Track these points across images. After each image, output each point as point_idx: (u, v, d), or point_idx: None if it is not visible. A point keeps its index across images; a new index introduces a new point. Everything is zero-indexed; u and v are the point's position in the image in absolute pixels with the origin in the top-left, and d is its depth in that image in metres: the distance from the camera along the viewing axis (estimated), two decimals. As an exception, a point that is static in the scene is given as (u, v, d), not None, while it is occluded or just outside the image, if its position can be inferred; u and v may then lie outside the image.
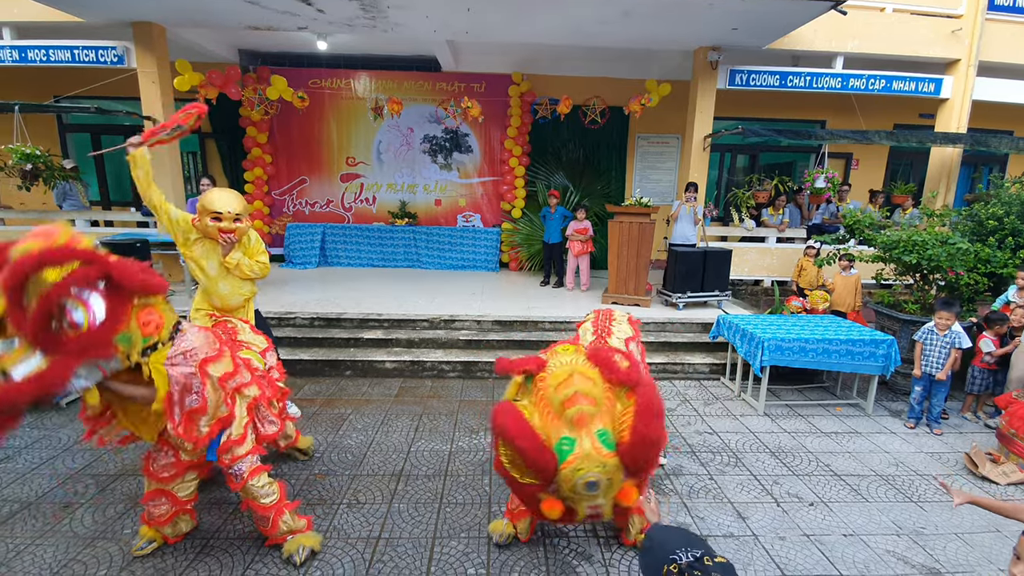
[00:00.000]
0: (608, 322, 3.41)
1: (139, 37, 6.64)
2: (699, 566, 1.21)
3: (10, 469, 3.39)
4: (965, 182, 9.86)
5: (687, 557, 1.23)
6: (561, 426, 1.88)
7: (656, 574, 1.26)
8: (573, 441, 1.84)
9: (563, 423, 1.89)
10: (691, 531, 1.47)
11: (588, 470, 1.81)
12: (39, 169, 6.54)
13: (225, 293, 3.22)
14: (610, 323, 3.40)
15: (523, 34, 6.72)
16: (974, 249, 4.96)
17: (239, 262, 3.12)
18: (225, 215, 2.96)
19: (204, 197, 3.02)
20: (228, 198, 2.99)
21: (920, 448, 4.06)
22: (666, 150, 9.53)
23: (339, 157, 9.23)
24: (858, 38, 7.18)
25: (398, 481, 3.37)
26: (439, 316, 5.82)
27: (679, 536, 1.35)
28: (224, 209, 2.95)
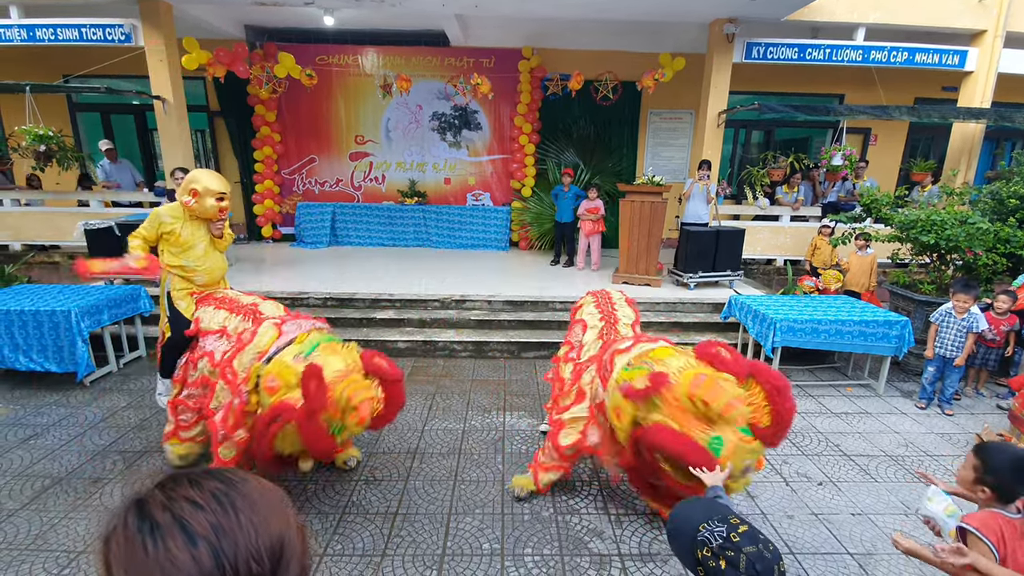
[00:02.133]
0: (611, 306, 3.43)
1: (146, 14, 6.58)
2: (729, 545, 1.26)
3: (40, 446, 3.51)
4: (987, 158, 9.61)
5: (715, 538, 1.28)
6: (704, 426, 2.06)
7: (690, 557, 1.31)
8: (720, 438, 2.03)
9: (705, 423, 2.06)
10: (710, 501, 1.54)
11: (743, 459, 2.06)
12: (52, 150, 6.59)
13: (213, 267, 3.35)
14: (613, 307, 3.42)
15: (533, 7, 6.56)
16: (994, 229, 4.87)
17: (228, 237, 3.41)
18: (227, 195, 3.21)
19: (200, 182, 3.13)
20: (222, 180, 3.22)
21: (931, 429, 4.07)
22: (679, 126, 9.35)
23: (348, 135, 9.18)
24: (881, 8, 6.93)
25: (413, 459, 3.45)
26: (450, 296, 5.85)
27: (701, 509, 1.41)
28: (226, 189, 3.20)
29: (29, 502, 2.93)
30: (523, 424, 3.96)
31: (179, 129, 7.03)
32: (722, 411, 2.03)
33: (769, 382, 2.08)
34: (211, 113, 9.05)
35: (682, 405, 2.08)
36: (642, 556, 2.64)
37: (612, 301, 3.52)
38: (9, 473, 3.21)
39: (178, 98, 6.99)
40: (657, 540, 2.75)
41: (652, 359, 2.36)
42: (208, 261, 3.29)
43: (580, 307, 3.61)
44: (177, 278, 3.30)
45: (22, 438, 3.61)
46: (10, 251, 7.68)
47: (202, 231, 3.25)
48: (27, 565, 2.47)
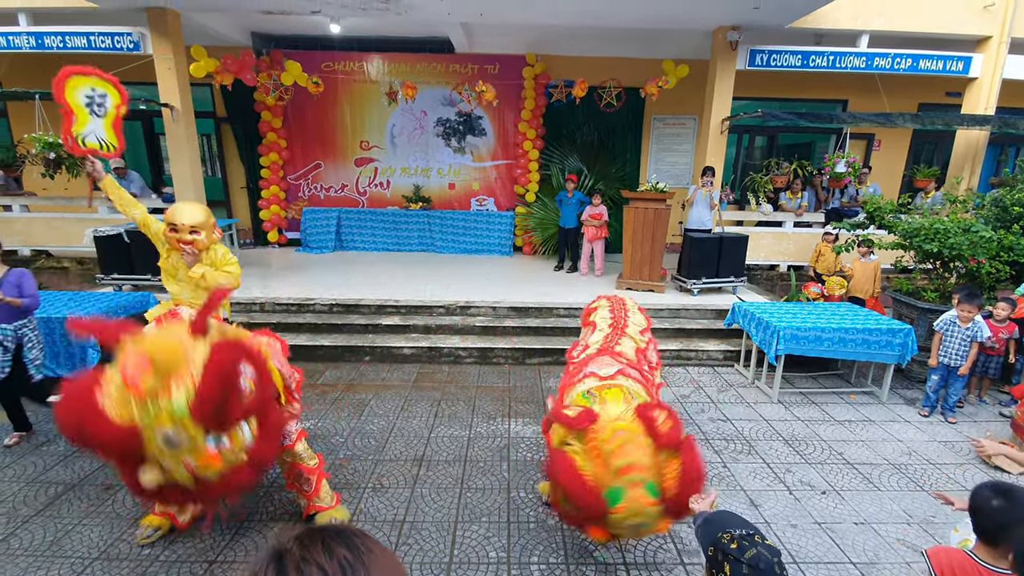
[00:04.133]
0: (624, 312, 3.47)
1: (154, 23, 6.66)
2: (749, 538, 1.39)
3: (53, 452, 3.57)
4: (991, 163, 9.61)
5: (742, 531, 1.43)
6: (612, 477, 2.07)
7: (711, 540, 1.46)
8: (621, 491, 2.04)
9: (614, 475, 2.07)
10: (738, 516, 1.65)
11: (636, 518, 2.06)
12: (62, 157, 6.66)
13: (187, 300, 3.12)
14: (626, 313, 3.46)
15: (538, 15, 6.61)
16: (997, 237, 4.88)
17: (204, 274, 3.00)
18: (180, 227, 2.90)
19: (168, 209, 2.99)
20: (188, 210, 2.96)
21: (934, 437, 4.08)
22: (682, 132, 9.39)
23: (353, 141, 9.25)
24: (885, 15, 6.96)
25: (420, 466, 3.49)
26: (455, 302, 5.90)
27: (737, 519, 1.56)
28: (179, 221, 2.90)
29: (43, 508, 2.98)
30: (528, 431, 3.99)
31: (186, 135, 7.10)
32: (619, 470, 2.06)
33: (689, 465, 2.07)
34: (218, 119, 9.13)
35: (597, 450, 2.14)
36: (647, 565, 2.67)
37: (626, 308, 3.57)
38: (23, 479, 3.26)
39: (186, 105, 7.06)
40: (662, 549, 2.78)
41: (601, 396, 2.42)
42: (179, 285, 3.11)
43: (595, 310, 3.63)
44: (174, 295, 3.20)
45: (35, 444, 3.67)
46: (19, 256, 7.76)
47: (179, 256, 3.04)
48: (43, 571, 2.52)
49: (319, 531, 0.66)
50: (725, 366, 5.45)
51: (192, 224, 2.92)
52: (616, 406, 2.32)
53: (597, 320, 3.45)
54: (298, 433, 2.79)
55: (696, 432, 4.04)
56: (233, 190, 9.48)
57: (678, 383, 4.98)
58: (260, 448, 2.07)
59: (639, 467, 2.07)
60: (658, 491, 2.07)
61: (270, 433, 2.11)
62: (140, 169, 8.67)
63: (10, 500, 3.05)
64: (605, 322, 3.39)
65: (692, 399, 4.65)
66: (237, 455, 2.00)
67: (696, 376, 5.18)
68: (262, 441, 2.08)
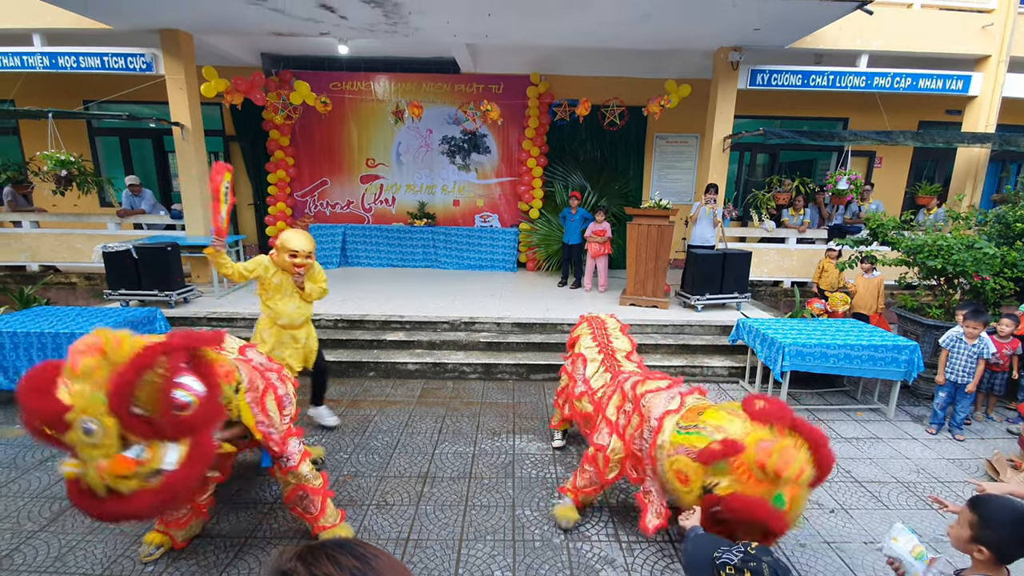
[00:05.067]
0: (606, 337, 3.52)
1: (167, 44, 6.82)
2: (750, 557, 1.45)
3: (57, 467, 3.57)
4: (993, 180, 9.65)
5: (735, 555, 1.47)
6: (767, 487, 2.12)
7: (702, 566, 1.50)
8: (780, 495, 2.11)
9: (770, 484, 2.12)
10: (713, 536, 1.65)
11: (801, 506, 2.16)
12: (73, 175, 6.77)
13: (293, 313, 3.66)
14: (608, 339, 3.50)
15: (542, 36, 6.75)
16: (1000, 253, 4.89)
17: (311, 290, 3.66)
18: (301, 253, 3.47)
19: (281, 239, 3.49)
20: (303, 239, 3.50)
21: (942, 454, 4.05)
22: (685, 149, 9.48)
23: (359, 159, 9.37)
24: (884, 35, 7.06)
25: (424, 483, 3.48)
26: (460, 318, 5.92)
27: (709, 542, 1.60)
28: (302, 248, 3.47)
29: (47, 524, 2.98)
30: (533, 448, 3.97)
31: (196, 153, 7.21)
32: (793, 478, 2.09)
33: (811, 436, 2.18)
34: (226, 137, 9.28)
35: (750, 471, 2.13)
36: (654, 584, 2.64)
37: (607, 331, 3.60)
38: (27, 494, 3.26)
39: (196, 124, 7.19)
40: (669, 568, 2.75)
41: (706, 423, 2.39)
42: (289, 306, 3.63)
43: (577, 339, 3.67)
44: (266, 318, 3.69)
45: (40, 459, 3.67)
46: (27, 272, 7.84)
47: (288, 281, 3.60)
48: (46, 588, 2.51)
49: (320, 546, 0.67)
50: (730, 383, 5.43)
51: (308, 251, 3.49)
52: (732, 423, 2.30)
53: (584, 351, 3.48)
54: (302, 454, 2.76)
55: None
56: (240, 207, 9.59)
57: (683, 400, 4.95)
58: (178, 475, 1.89)
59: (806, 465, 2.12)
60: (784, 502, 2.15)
61: (195, 464, 1.92)
62: (150, 186, 8.79)
63: (15, 515, 3.05)
64: (592, 351, 3.44)
65: (697, 416, 4.62)
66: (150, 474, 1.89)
67: (701, 393, 5.15)
68: (183, 468, 1.91)
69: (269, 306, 3.63)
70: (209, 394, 1.98)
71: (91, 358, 1.86)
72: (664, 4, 5.39)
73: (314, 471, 2.82)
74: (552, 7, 5.55)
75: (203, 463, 1.95)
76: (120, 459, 1.84)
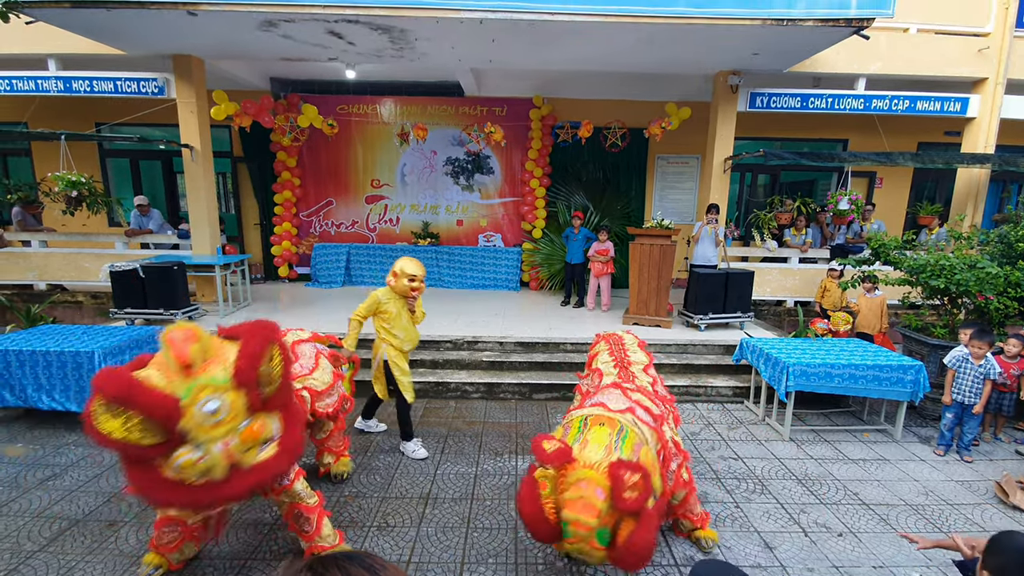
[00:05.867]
0: (623, 352, 3.50)
1: (179, 69, 6.99)
2: None
3: (59, 487, 3.56)
4: (994, 200, 9.68)
5: None
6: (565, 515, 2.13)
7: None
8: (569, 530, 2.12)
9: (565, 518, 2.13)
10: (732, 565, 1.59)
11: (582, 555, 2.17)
12: (83, 195, 6.88)
13: (411, 335, 4.02)
14: (625, 353, 3.48)
15: (545, 62, 6.89)
16: (1003, 273, 4.89)
17: (419, 314, 4.04)
18: (417, 277, 3.81)
19: (399, 266, 3.84)
20: (418, 266, 3.86)
21: (950, 476, 3.99)
22: (686, 170, 9.58)
23: (364, 180, 9.50)
24: (882, 59, 7.18)
25: (426, 504, 3.44)
26: (462, 337, 5.92)
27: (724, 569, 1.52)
28: (416, 273, 3.82)
29: (47, 544, 2.96)
30: (535, 469, 3.94)
31: (204, 174, 7.33)
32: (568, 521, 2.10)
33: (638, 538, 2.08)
34: (234, 158, 9.44)
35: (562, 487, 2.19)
36: (658, 609, 2.59)
37: (624, 347, 3.58)
38: (28, 514, 3.25)
39: (205, 146, 7.32)
40: (673, 592, 2.70)
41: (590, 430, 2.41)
42: (408, 330, 3.96)
43: (595, 356, 3.66)
44: (390, 347, 3.94)
45: (41, 479, 3.66)
46: (35, 291, 7.91)
47: (403, 306, 3.91)
48: (44, 610, 2.48)
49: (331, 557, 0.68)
50: (734, 402, 5.39)
51: (423, 275, 3.83)
52: (597, 451, 2.26)
53: (600, 366, 3.47)
54: (296, 472, 2.73)
55: (707, 470, 3.97)
56: (247, 226, 9.70)
57: (687, 420, 4.92)
58: (288, 437, 2.22)
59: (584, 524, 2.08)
60: (608, 539, 2.11)
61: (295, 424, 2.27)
62: (158, 205, 8.92)
63: (14, 535, 3.03)
64: (608, 366, 3.41)
65: (702, 436, 4.58)
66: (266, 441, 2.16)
67: (705, 413, 5.12)
68: (288, 431, 2.23)
69: (393, 334, 3.90)
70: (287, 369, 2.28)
71: (195, 344, 2.04)
72: (665, 30, 5.51)
73: (309, 490, 2.78)
74: (556, 34, 5.68)
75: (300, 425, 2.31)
76: (250, 429, 2.08)
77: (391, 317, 3.88)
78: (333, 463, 3.71)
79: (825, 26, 5.33)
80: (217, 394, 2.03)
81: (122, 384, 1.90)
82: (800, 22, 5.25)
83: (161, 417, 1.93)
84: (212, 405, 2.00)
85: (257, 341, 2.14)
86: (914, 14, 7.15)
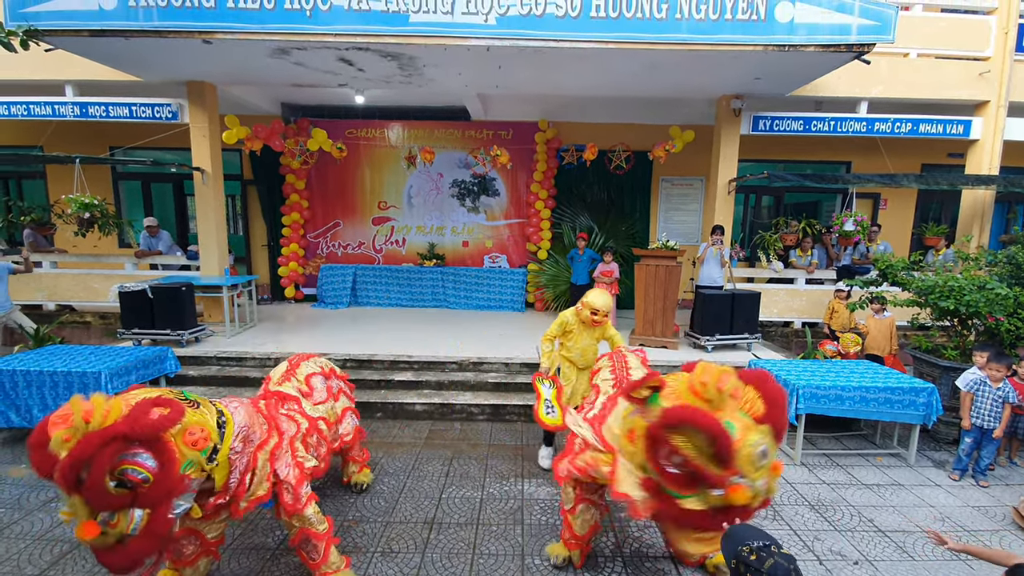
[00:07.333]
0: (626, 370, 3.48)
1: (192, 95, 7.16)
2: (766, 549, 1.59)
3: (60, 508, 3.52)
4: (1000, 220, 9.66)
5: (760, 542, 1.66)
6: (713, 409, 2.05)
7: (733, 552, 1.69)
8: (731, 423, 2.01)
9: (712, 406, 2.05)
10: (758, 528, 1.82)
11: (757, 439, 2.01)
12: (95, 217, 6.98)
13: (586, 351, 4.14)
14: (627, 372, 3.46)
15: (551, 87, 7.02)
16: (1013, 294, 4.85)
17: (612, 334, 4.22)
18: (600, 311, 3.94)
19: (586, 299, 3.97)
20: (604, 302, 3.96)
21: (966, 502, 3.89)
22: (690, 192, 9.64)
23: (372, 201, 9.61)
24: (883, 83, 7.26)
25: (430, 529, 3.39)
26: (468, 358, 5.90)
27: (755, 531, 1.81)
28: (600, 307, 3.94)
29: (48, 568, 2.92)
30: (542, 493, 3.88)
31: (215, 197, 7.44)
32: (732, 392, 2.03)
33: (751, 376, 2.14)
34: (244, 181, 9.58)
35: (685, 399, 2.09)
36: (670, 640, 2.51)
37: (627, 365, 3.56)
38: (29, 536, 3.21)
39: (216, 169, 7.45)
40: (685, 622, 2.62)
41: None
42: (584, 351, 4.12)
43: (597, 371, 3.65)
44: (566, 362, 4.16)
45: (43, 500, 3.64)
46: (43, 311, 7.97)
47: (586, 331, 4.09)
48: (42, 637, 2.44)
49: None
50: (743, 426, 5.30)
51: (607, 310, 3.97)
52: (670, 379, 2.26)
53: (599, 383, 3.46)
54: (308, 496, 2.69)
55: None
56: (255, 247, 9.79)
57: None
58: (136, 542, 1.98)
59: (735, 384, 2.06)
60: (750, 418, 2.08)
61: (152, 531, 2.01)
62: (167, 227, 9.04)
63: (15, 557, 3.00)
64: (607, 384, 3.39)
65: (711, 460, 4.50)
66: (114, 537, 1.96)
67: (714, 436, 5.04)
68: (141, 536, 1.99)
69: (567, 347, 4.14)
70: (164, 471, 2.02)
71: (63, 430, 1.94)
72: (668, 56, 5.61)
73: (320, 516, 2.74)
74: (561, 60, 5.80)
75: (160, 532, 2.03)
76: (84, 523, 1.92)
77: (572, 336, 4.13)
78: (357, 472, 3.87)
79: (826, 51, 5.42)
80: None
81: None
82: (802, 47, 5.34)
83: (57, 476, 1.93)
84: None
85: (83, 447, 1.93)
86: (915, 39, 7.26)
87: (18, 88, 7.43)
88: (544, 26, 5.23)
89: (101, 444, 1.92)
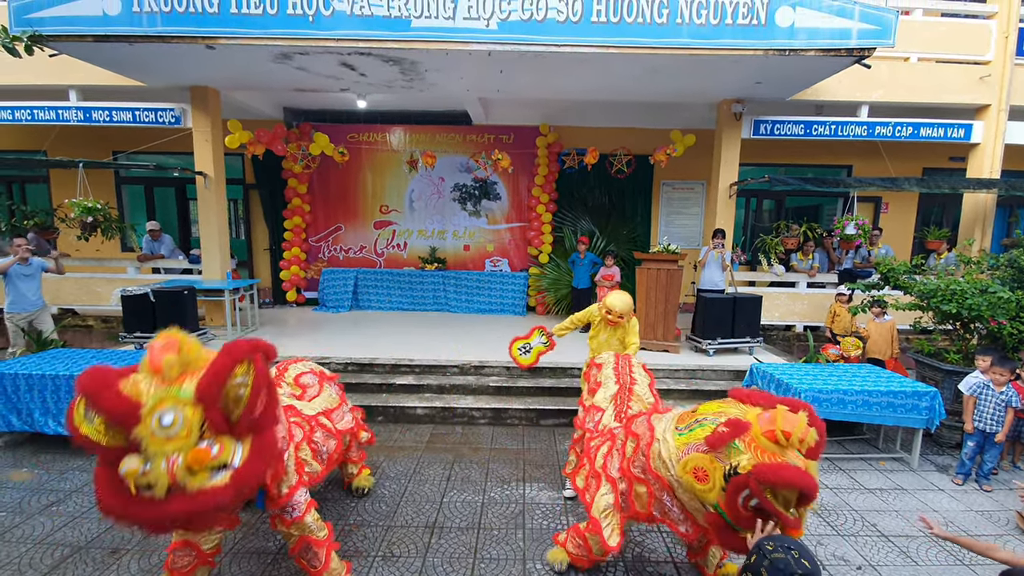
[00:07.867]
0: (628, 370, 3.48)
1: (195, 100, 7.19)
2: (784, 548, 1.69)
3: (62, 512, 3.53)
4: (1001, 224, 9.65)
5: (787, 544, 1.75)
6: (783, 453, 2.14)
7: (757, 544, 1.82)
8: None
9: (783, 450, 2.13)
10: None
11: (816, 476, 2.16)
12: (98, 221, 7.00)
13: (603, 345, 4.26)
14: (631, 371, 3.46)
15: (552, 91, 7.03)
16: (1015, 298, 4.84)
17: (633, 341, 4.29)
18: (613, 312, 4.02)
19: (607, 299, 4.08)
20: (622, 305, 4.03)
21: (970, 506, 3.88)
22: (691, 196, 9.64)
23: (373, 205, 9.63)
24: (883, 87, 7.27)
25: (431, 534, 3.38)
26: (469, 362, 5.90)
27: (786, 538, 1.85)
28: (614, 308, 4.02)
29: (48, 572, 2.92)
30: (543, 497, 3.87)
31: (217, 201, 7.46)
32: (802, 437, 2.09)
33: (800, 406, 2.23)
34: (246, 185, 9.61)
35: (759, 443, 2.13)
36: (672, 645, 2.50)
37: (631, 364, 3.56)
38: (31, 540, 3.21)
39: (219, 173, 7.47)
40: (687, 628, 2.61)
41: (704, 415, 2.39)
42: (602, 345, 4.26)
43: (601, 366, 3.62)
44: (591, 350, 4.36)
45: (45, 504, 3.64)
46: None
47: (606, 329, 4.22)
48: (43, 641, 2.43)
49: None
50: (745, 430, 5.28)
51: (621, 312, 4.04)
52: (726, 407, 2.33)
53: (601, 379, 3.45)
54: (307, 503, 2.67)
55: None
56: (256, 251, 9.82)
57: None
58: (245, 470, 1.98)
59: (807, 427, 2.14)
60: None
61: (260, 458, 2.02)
62: (170, 231, 9.06)
63: (16, 561, 3.00)
64: (611, 381, 3.39)
65: (713, 464, 4.49)
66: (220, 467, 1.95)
67: (716, 440, 5.02)
68: (249, 463, 1.99)
69: (591, 336, 4.39)
70: (271, 397, 2.08)
71: (174, 354, 1.97)
72: (669, 61, 5.63)
73: (320, 522, 2.71)
74: (562, 65, 5.82)
75: (266, 460, 2.06)
76: (199, 450, 1.92)
77: (596, 327, 4.35)
78: (356, 474, 3.84)
79: (827, 56, 5.43)
80: (176, 407, 1.92)
81: (94, 381, 1.89)
82: (802, 52, 5.36)
83: (116, 420, 1.88)
84: (167, 417, 1.89)
85: (227, 359, 2.00)
86: (915, 43, 7.27)
87: (22, 93, 7.46)
88: (545, 31, 5.25)
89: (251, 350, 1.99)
